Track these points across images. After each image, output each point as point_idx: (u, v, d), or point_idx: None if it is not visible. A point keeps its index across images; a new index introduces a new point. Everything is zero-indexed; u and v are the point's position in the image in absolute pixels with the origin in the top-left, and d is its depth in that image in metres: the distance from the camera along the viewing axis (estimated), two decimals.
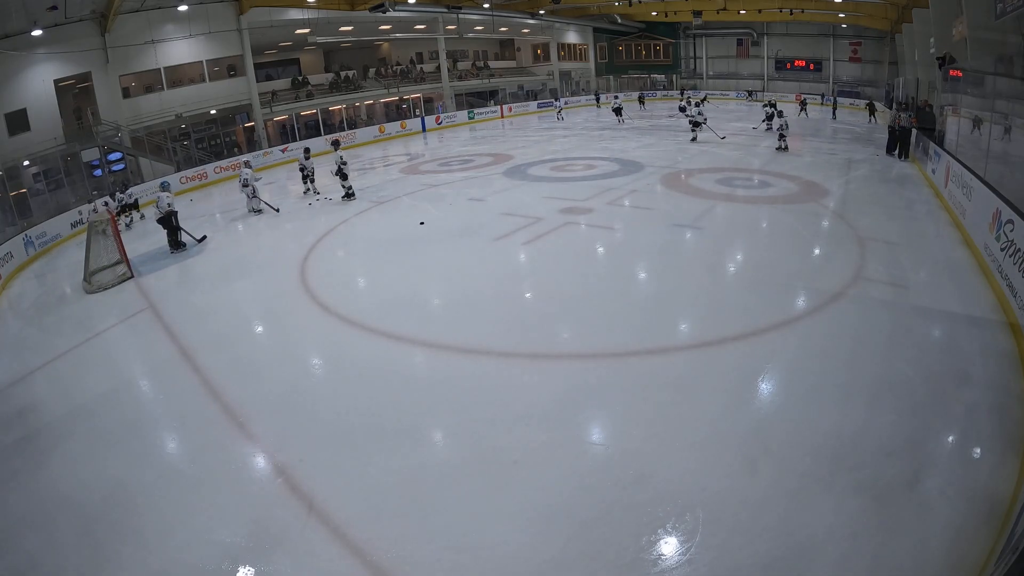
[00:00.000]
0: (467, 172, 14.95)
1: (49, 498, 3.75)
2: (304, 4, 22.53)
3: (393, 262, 8.07)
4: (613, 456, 3.64)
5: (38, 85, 15.92)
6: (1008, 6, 7.50)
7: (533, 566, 2.86)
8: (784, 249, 7.39)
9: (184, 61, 20.14)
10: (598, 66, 39.61)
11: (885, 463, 3.33)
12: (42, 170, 15.69)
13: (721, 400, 4.13)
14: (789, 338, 4.97)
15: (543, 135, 22.07)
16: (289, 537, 3.16)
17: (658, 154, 15.36)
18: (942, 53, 12.74)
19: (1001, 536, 2.73)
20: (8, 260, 10.24)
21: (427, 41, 29.98)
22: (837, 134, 18.80)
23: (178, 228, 10.06)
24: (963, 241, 7.18)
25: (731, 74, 36.47)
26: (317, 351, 5.66)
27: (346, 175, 12.17)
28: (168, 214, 9.87)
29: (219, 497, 3.58)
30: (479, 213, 10.36)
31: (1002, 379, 4.16)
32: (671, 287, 6.48)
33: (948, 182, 8.79)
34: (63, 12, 15.47)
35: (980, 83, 9.58)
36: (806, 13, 27.99)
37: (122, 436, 4.40)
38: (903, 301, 5.56)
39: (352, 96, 26.48)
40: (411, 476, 3.59)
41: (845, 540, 2.84)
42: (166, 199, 10.03)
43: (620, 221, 9.16)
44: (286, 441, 4.06)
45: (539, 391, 4.43)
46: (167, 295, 7.76)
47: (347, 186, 12.29)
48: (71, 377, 5.61)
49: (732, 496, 3.17)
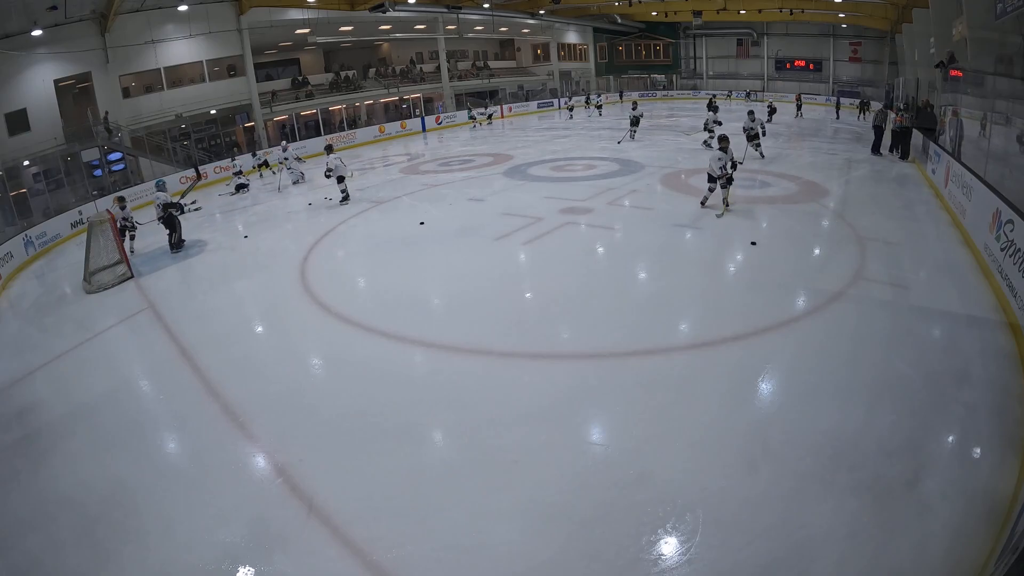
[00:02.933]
0: (467, 172, 14.95)
1: (49, 498, 3.75)
2: (304, 4, 22.54)
3: (393, 262, 8.07)
4: (613, 456, 3.64)
5: (38, 85, 15.92)
6: (1008, 6, 7.49)
7: (533, 566, 2.86)
8: (784, 249, 7.39)
9: (184, 61, 20.14)
10: (598, 66, 39.61)
11: (885, 463, 3.33)
12: (42, 170, 15.69)
13: (721, 400, 4.13)
14: (789, 338, 4.97)
15: (543, 135, 22.08)
16: (289, 537, 3.16)
17: (658, 154, 15.36)
18: (942, 58, 12.71)
19: (1001, 536, 2.74)
20: (8, 260, 10.24)
21: (427, 41, 29.98)
22: (838, 134, 18.80)
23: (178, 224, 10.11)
24: (963, 241, 7.18)
25: (731, 74, 36.46)
26: (317, 351, 5.66)
27: (342, 177, 12.12)
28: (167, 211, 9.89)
29: (219, 497, 3.58)
30: (479, 213, 10.37)
31: (1002, 379, 4.15)
32: (671, 287, 6.47)
33: (948, 182, 8.79)
34: (63, 12, 15.47)
35: (980, 83, 9.58)
36: (806, 13, 27.99)
37: (122, 436, 4.41)
38: (903, 301, 5.56)
39: (352, 96, 26.48)
40: (411, 476, 3.59)
41: (844, 540, 2.84)
42: (164, 198, 10.06)
43: (620, 221, 9.16)
44: (286, 441, 4.06)
45: (539, 391, 4.43)
46: (167, 295, 7.76)
47: (343, 189, 12.25)
48: (71, 377, 5.62)
49: (732, 496, 3.17)
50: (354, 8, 23.73)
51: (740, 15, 31.18)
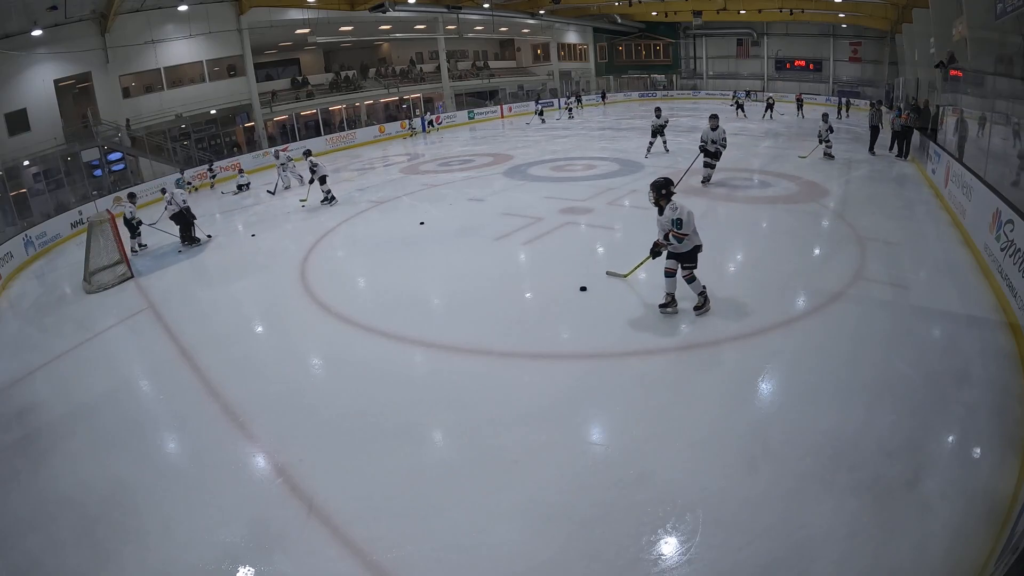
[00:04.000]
0: (467, 172, 14.95)
1: (49, 498, 3.75)
2: (304, 4, 22.55)
3: (393, 262, 8.07)
4: (613, 456, 3.64)
5: (38, 85, 15.93)
6: (1008, 6, 7.48)
7: (533, 566, 2.86)
8: (784, 249, 7.39)
9: (184, 61, 20.16)
10: (598, 66, 39.61)
11: (885, 463, 3.33)
12: (42, 170, 15.70)
13: (721, 400, 4.13)
14: (789, 338, 4.96)
15: (543, 135, 22.07)
16: (289, 537, 3.16)
17: (658, 154, 15.34)
18: (942, 58, 12.70)
19: (1001, 536, 2.73)
20: (8, 260, 10.25)
21: (427, 41, 30.00)
22: (838, 134, 18.76)
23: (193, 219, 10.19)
24: (963, 241, 7.18)
25: (731, 74, 36.46)
26: (317, 351, 5.66)
27: (325, 177, 12.08)
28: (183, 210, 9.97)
29: (219, 497, 3.58)
30: (479, 213, 10.37)
31: (1002, 379, 4.15)
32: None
33: (948, 182, 8.78)
34: (63, 12, 15.49)
35: (980, 83, 9.58)
36: (806, 13, 27.99)
37: (122, 436, 4.41)
38: (903, 301, 5.56)
39: (352, 96, 26.50)
40: (411, 476, 3.59)
41: (845, 540, 2.84)
42: (181, 196, 10.12)
43: (620, 221, 9.16)
44: (286, 441, 4.06)
45: (539, 391, 4.43)
46: (167, 295, 7.76)
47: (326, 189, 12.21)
48: (71, 377, 5.62)
49: (732, 496, 3.17)
50: (354, 8, 23.74)
51: (740, 15, 31.18)
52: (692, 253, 5.30)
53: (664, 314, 5.47)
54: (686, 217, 5.11)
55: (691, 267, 5.34)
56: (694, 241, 5.26)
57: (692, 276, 5.37)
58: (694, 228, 5.20)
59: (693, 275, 5.37)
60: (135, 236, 10.45)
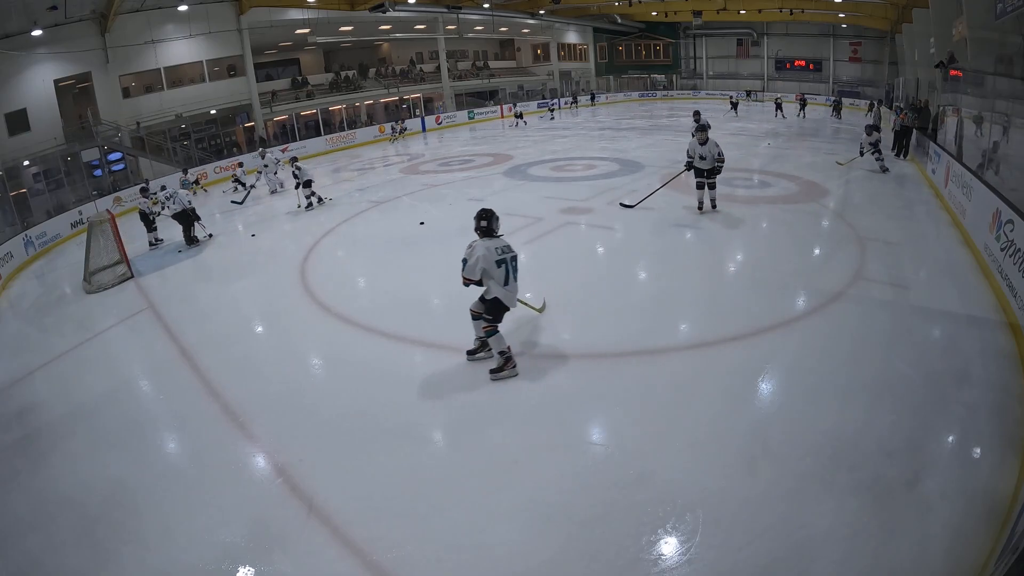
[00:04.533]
0: (467, 172, 14.95)
1: (49, 498, 3.75)
2: (304, 4, 22.56)
3: (393, 262, 8.07)
4: (613, 456, 3.64)
5: (38, 85, 15.94)
6: (1008, 6, 7.48)
7: (533, 566, 2.86)
8: (784, 249, 7.39)
9: (184, 61, 20.17)
10: (598, 66, 39.64)
11: (885, 463, 3.33)
12: (42, 170, 15.70)
13: (721, 400, 4.12)
14: (789, 338, 4.96)
15: (543, 135, 22.07)
16: (289, 537, 3.16)
17: (658, 154, 15.36)
18: (942, 58, 12.71)
19: (1001, 536, 2.73)
20: (8, 260, 10.25)
21: (427, 41, 30.01)
22: (838, 133, 18.81)
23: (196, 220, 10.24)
24: (963, 241, 7.18)
25: (731, 74, 36.48)
26: (317, 351, 5.66)
27: (310, 182, 12.05)
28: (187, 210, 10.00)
29: (219, 497, 3.58)
30: None
31: (1002, 379, 4.15)
32: (671, 287, 6.47)
33: (948, 182, 8.79)
34: (63, 12, 15.50)
35: (980, 83, 9.58)
36: (806, 13, 28.01)
37: (122, 436, 4.40)
38: (903, 301, 5.56)
39: (352, 96, 26.50)
40: (411, 476, 3.59)
41: (845, 540, 2.84)
42: (185, 196, 10.15)
43: (620, 221, 9.16)
44: (286, 441, 4.06)
45: (539, 391, 4.43)
46: (167, 295, 7.76)
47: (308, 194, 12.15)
48: (71, 377, 5.62)
49: (732, 496, 3.17)
50: (354, 8, 23.75)
51: (740, 15, 31.20)
52: (494, 305, 4.47)
53: (470, 360, 4.87)
54: (472, 260, 4.36)
55: (492, 321, 4.50)
56: (494, 292, 4.41)
57: (493, 329, 4.49)
58: (499, 280, 4.43)
59: (495, 329, 4.50)
60: (151, 230, 10.59)
